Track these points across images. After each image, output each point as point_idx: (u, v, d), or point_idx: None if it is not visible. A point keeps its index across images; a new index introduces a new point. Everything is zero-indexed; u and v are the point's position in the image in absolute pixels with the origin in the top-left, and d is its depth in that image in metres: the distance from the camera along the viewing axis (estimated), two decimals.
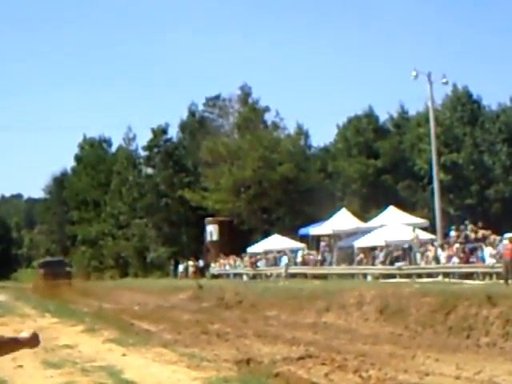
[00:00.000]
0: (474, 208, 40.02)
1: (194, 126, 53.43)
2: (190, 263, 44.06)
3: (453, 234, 26.45)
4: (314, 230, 35.80)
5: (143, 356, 12.78)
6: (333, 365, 11.81)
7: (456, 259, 24.20)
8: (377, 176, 44.77)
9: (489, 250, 22.66)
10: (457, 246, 24.63)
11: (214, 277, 40.12)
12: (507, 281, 19.47)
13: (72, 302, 30.35)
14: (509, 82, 73.76)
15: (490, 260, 22.31)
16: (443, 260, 25.03)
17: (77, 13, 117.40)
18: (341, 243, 33.07)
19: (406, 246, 27.99)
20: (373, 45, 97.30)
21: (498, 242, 22.28)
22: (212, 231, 45.39)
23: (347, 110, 50.51)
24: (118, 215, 55.94)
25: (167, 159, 52.66)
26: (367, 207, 40.76)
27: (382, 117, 48.27)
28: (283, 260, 33.94)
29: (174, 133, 54.71)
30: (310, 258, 33.65)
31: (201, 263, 44.08)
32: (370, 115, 47.43)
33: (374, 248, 29.63)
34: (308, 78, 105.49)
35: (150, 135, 53.78)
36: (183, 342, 15.31)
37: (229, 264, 40.48)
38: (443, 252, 25.25)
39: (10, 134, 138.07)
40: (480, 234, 24.93)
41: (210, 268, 42.43)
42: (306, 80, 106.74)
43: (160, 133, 53.63)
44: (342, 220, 34.37)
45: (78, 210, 62.61)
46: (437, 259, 25.39)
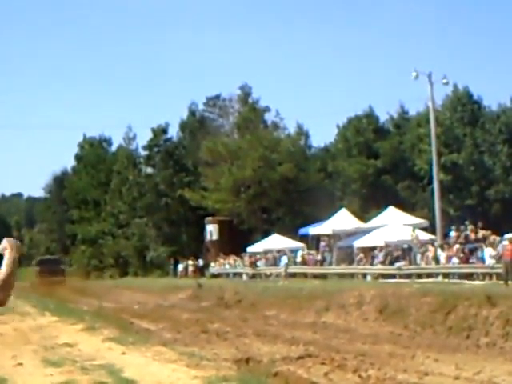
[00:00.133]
0: (473, 208, 40.00)
1: (194, 125, 53.42)
2: (190, 262, 44.09)
3: (453, 234, 26.44)
4: (314, 230, 35.81)
5: (143, 355, 12.78)
6: (332, 364, 11.82)
7: (456, 259, 24.21)
8: (377, 176, 44.77)
9: (489, 251, 22.66)
10: (457, 246, 24.63)
11: (214, 276, 40.13)
12: (507, 281, 19.49)
13: (71, 301, 30.36)
14: (509, 82, 73.89)
15: (490, 261, 22.31)
16: (443, 260, 25.03)
17: (77, 12, 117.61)
18: (340, 243, 33.08)
19: (405, 246, 27.99)
20: (373, 45, 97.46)
21: (498, 243, 22.28)
22: (212, 231, 45.42)
23: (347, 110, 50.60)
24: (117, 214, 55.97)
25: (167, 159, 52.66)
26: (367, 207, 40.77)
27: (382, 117, 48.33)
28: (283, 260, 33.95)
29: (174, 132, 54.83)
30: (310, 257, 33.66)
31: (200, 262, 44.11)
32: (370, 115, 47.42)
33: (374, 248, 29.64)
34: (308, 77, 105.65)
35: (150, 135, 53.88)
36: (183, 340, 15.32)
37: (228, 263, 40.50)
38: (443, 252, 25.25)
39: (11, 132, 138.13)
40: (480, 234, 24.95)
41: (209, 267, 42.45)
42: (306, 80, 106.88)
43: (160, 132, 53.65)
44: (342, 220, 34.40)
45: (78, 209, 62.65)
46: (436, 259, 25.39)
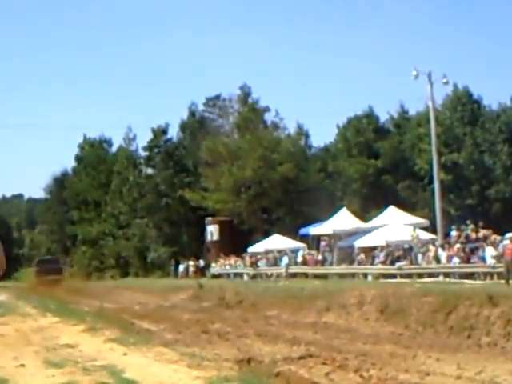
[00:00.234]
0: (474, 208, 40.01)
1: (194, 126, 53.41)
2: (191, 263, 44.10)
3: (453, 233, 26.45)
4: (315, 230, 35.82)
5: (144, 355, 12.77)
6: (333, 364, 11.81)
7: (457, 259, 24.20)
8: (377, 176, 44.78)
9: (490, 250, 22.64)
10: (457, 245, 24.63)
11: (215, 276, 40.15)
12: (508, 281, 19.48)
13: (72, 302, 30.36)
14: (509, 81, 73.81)
15: (490, 260, 22.29)
16: (444, 260, 25.03)
17: (77, 12, 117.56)
18: (341, 243, 33.08)
19: (406, 245, 27.99)
20: (373, 44, 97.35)
21: (499, 242, 22.27)
22: (212, 231, 45.42)
23: (347, 110, 50.55)
24: (118, 215, 55.99)
25: (167, 159, 52.67)
26: (367, 207, 40.78)
27: (383, 117, 48.35)
28: (284, 260, 33.96)
29: (174, 133, 54.81)
30: (311, 257, 33.66)
31: (201, 263, 44.12)
32: (370, 115, 47.43)
33: (375, 248, 29.65)
34: (308, 77, 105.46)
35: (150, 135, 53.87)
36: (184, 341, 15.31)
37: (229, 264, 40.51)
38: (444, 252, 25.25)
39: (11, 133, 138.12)
40: (481, 233, 24.95)
41: (210, 268, 42.46)
42: (306, 80, 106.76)
43: (160, 133, 53.64)
44: (343, 220, 34.41)
45: (78, 210, 62.65)
46: (437, 259, 25.39)
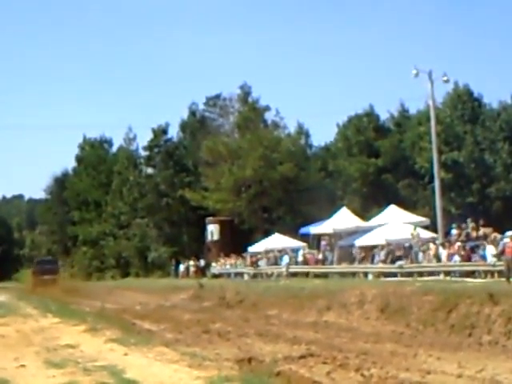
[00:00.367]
0: (475, 206, 39.99)
1: (195, 125, 53.39)
2: (191, 263, 44.11)
3: (454, 232, 26.42)
4: (315, 229, 35.82)
5: (145, 355, 12.79)
6: (334, 363, 11.81)
7: (457, 257, 24.18)
8: (377, 175, 44.77)
9: (491, 249, 22.61)
10: (458, 244, 24.61)
11: (215, 276, 40.15)
12: (509, 279, 19.47)
13: (71, 302, 30.37)
14: (510, 79, 73.73)
15: (491, 258, 22.27)
16: (444, 258, 25.00)
17: (77, 11, 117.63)
18: (341, 242, 33.08)
19: (406, 244, 27.99)
20: (373, 43, 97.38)
21: (499, 240, 22.24)
22: (213, 231, 45.41)
23: (347, 109, 50.58)
24: (118, 215, 56.00)
25: (168, 159, 52.66)
26: (368, 206, 40.76)
27: (383, 115, 48.32)
28: (284, 259, 33.95)
29: (174, 133, 54.80)
30: (311, 257, 33.65)
31: (202, 263, 44.11)
32: (371, 114, 47.40)
33: (375, 247, 29.65)
34: (308, 76, 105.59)
35: (151, 135, 53.86)
36: (185, 341, 15.32)
37: (230, 263, 40.50)
38: (444, 250, 25.23)
39: (11, 134, 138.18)
40: (481, 232, 24.92)
41: (210, 267, 42.46)
42: (306, 79, 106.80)
43: (160, 133, 53.63)
44: (343, 219, 34.41)
45: (79, 211, 62.66)
46: (438, 258, 25.37)
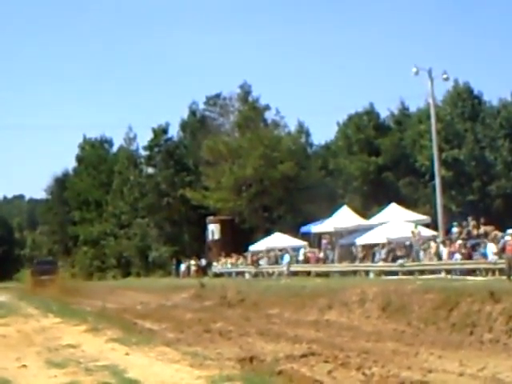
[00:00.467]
0: (475, 204, 39.97)
1: (195, 125, 53.40)
2: (192, 262, 44.13)
3: (455, 230, 26.39)
4: (316, 228, 35.80)
5: (146, 355, 12.78)
6: (336, 362, 11.80)
7: (458, 255, 24.17)
8: (378, 173, 44.77)
9: (492, 246, 22.58)
10: (459, 242, 24.59)
11: (216, 275, 40.17)
12: (510, 277, 19.46)
13: (74, 302, 30.39)
14: (510, 77, 73.67)
15: (492, 256, 22.25)
16: (445, 256, 24.99)
17: (77, 12, 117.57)
18: (342, 241, 33.06)
19: (407, 242, 27.97)
20: (373, 41, 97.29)
21: (500, 238, 22.22)
22: (214, 230, 45.42)
23: (348, 107, 50.56)
24: (119, 215, 56.04)
25: (168, 158, 52.68)
26: (368, 204, 40.74)
27: (383, 114, 48.36)
28: (285, 258, 33.96)
29: (174, 132, 54.87)
30: (312, 255, 33.65)
31: (203, 262, 44.13)
32: (371, 112, 47.41)
33: (376, 245, 29.63)
34: (308, 75, 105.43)
35: (151, 135, 53.92)
36: (186, 340, 15.32)
37: (231, 262, 40.51)
38: (445, 248, 25.21)
39: (11, 134, 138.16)
40: (482, 229, 24.90)
41: (212, 267, 42.47)
42: (307, 78, 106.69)
43: (161, 132, 53.66)
44: (344, 217, 34.39)
45: (79, 211, 62.71)
46: (439, 256, 25.36)
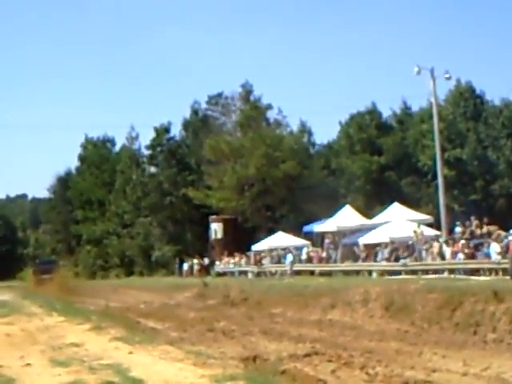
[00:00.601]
0: (478, 203, 39.95)
1: (197, 124, 53.42)
2: (195, 261, 44.18)
3: (458, 229, 26.35)
4: (319, 227, 35.79)
5: (150, 354, 12.79)
6: (339, 362, 11.79)
7: (461, 255, 24.13)
8: (380, 172, 44.74)
9: (495, 246, 22.54)
10: (462, 241, 24.55)
11: (219, 275, 40.19)
12: None
13: (77, 301, 30.42)
14: None
15: (496, 256, 22.21)
16: (448, 256, 24.94)
17: (79, 10, 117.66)
18: (345, 240, 33.04)
19: (410, 242, 27.94)
20: (375, 41, 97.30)
21: (504, 238, 22.18)
22: (216, 229, 45.44)
23: (350, 107, 50.53)
24: (122, 214, 56.10)
25: (170, 158, 52.72)
26: (371, 204, 40.72)
27: (385, 113, 48.35)
28: (288, 257, 33.95)
29: (176, 131, 54.94)
30: (315, 255, 33.63)
31: (206, 261, 44.16)
32: (373, 111, 47.40)
33: (379, 245, 29.60)
34: (310, 75, 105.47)
35: (153, 134, 53.97)
36: (189, 339, 15.32)
37: (233, 262, 40.52)
38: (448, 248, 25.17)
39: (14, 133, 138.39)
40: (485, 229, 24.85)
41: (214, 266, 42.50)
42: (309, 77, 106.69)
43: (163, 131, 53.71)
44: (346, 217, 34.36)
45: (82, 210, 62.82)
46: (442, 255, 25.31)
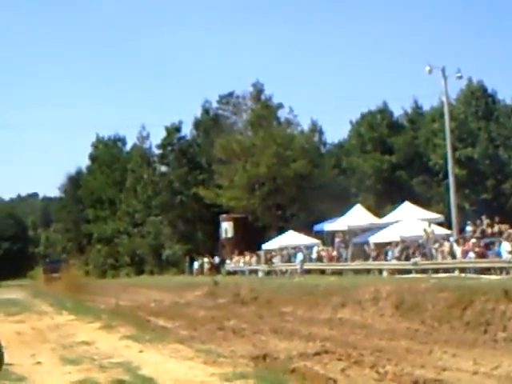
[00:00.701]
0: (489, 203, 39.73)
1: (208, 123, 53.42)
2: (205, 260, 44.23)
3: (469, 228, 26.25)
4: (329, 226, 35.77)
5: (160, 352, 12.84)
6: (349, 360, 11.80)
7: (472, 254, 24.03)
8: (391, 172, 44.61)
9: (506, 245, 22.44)
10: (473, 240, 24.45)
11: (230, 273, 40.21)
12: None
13: (88, 300, 30.56)
14: None
15: (506, 255, 22.11)
16: (459, 255, 24.85)
17: (89, 9, 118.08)
18: (356, 239, 33.00)
19: (421, 241, 27.86)
20: (386, 40, 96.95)
21: None
22: (227, 228, 45.46)
23: (361, 106, 50.38)
24: (133, 213, 56.23)
25: (181, 157, 52.77)
26: (382, 203, 40.62)
27: (396, 112, 48.15)
28: (298, 256, 33.93)
29: (187, 131, 54.91)
30: (325, 253, 33.60)
31: (216, 260, 44.21)
32: (384, 110, 47.25)
33: (389, 244, 29.53)
34: (321, 74, 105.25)
35: (164, 133, 54.01)
36: (199, 338, 15.37)
37: (244, 261, 40.54)
38: (459, 247, 25.07)
39: (26, 133, 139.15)
40: (496, 228, 24.74)
41: (225, 265, 42.54)
42: (320, 76, 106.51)
43: (174, 131, 53.76)
44: (357, 216, 34.33)
45: (93, 209, 63.04)
46: (453, 254, 25.22)
